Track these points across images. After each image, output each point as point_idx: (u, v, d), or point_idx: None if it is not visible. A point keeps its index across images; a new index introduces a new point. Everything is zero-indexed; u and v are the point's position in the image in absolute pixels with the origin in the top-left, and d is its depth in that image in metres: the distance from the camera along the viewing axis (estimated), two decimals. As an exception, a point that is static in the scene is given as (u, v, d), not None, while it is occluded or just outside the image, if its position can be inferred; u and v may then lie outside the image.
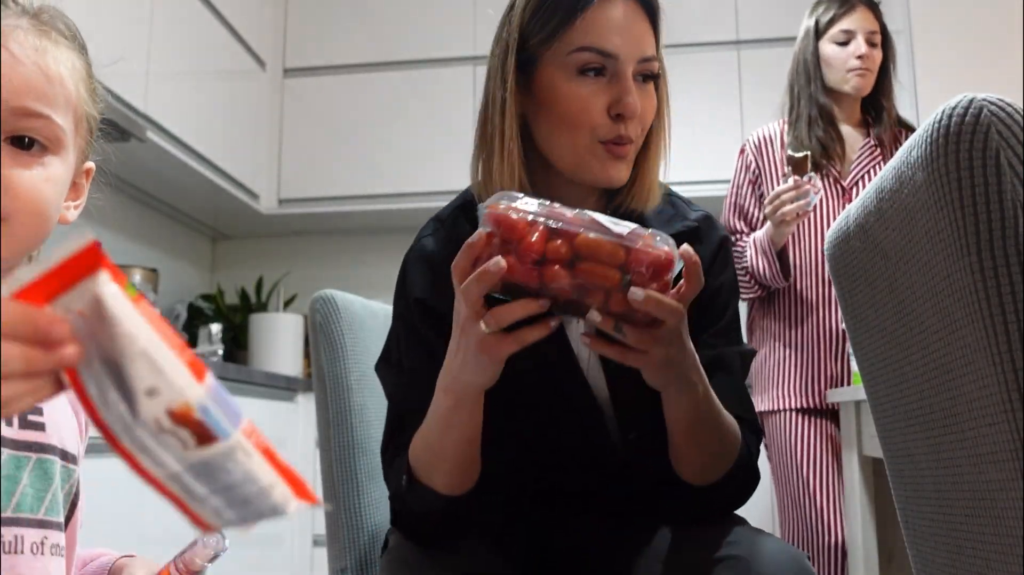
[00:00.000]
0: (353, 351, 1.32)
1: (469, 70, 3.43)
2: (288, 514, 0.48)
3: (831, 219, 1.99)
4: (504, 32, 1.00)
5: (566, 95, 0.94)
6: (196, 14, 2.97)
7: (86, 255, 0.43)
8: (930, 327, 0.64)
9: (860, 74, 1.99)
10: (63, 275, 0.44)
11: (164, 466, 0.47)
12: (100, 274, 0.43)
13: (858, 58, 1.98)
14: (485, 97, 1.02)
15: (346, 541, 1.25)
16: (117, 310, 0.43)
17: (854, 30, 1.99)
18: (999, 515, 0.59)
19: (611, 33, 0.93)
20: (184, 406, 0.44)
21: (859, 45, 1.98)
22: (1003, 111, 0.55)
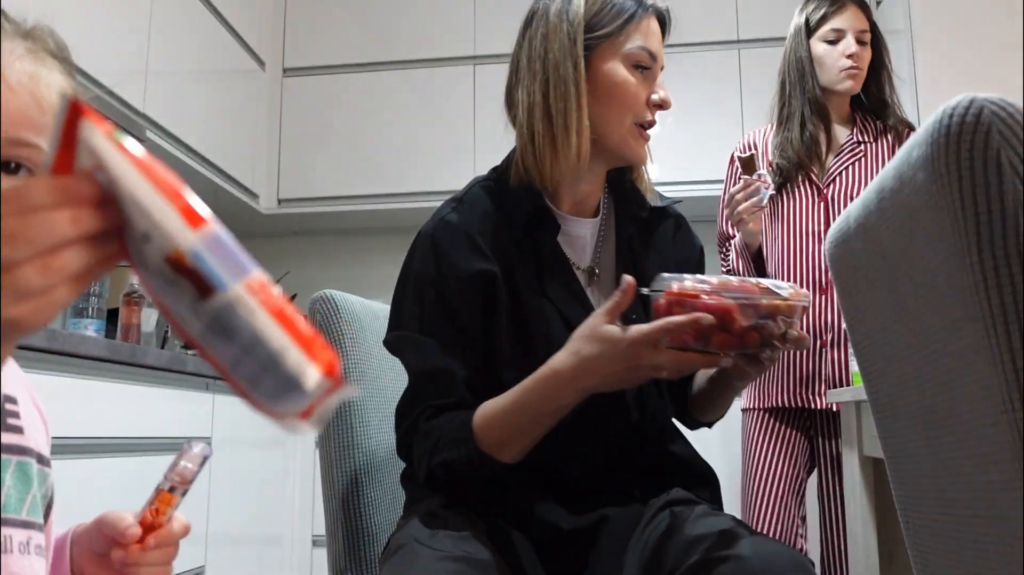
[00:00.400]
0: (353, 351, 1.32)
1: (469, 70, 3.43)
2: (309, 391, 0.44)
3: (807, 220, 2.00)
4: (563, 24, 1.14)
5: (624, 82, 1.13)
6: (196, 14, 2.97)
7: (71, 113, 0.44)
8: (930, 327, 0.64)
9: (851, 74, 2.00)
10: (66, 143, 0.44)
11: (190, 324, 0.46)
12: (84, 125, 0.44)
13: (848, 57, 1.98)
14: (545, 85, 1.13)
15: (346, 541, 1.25)
16: (106, 156, 0.44)
17: (844, 29, 2.00)
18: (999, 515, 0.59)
19: (654, 39, 1.16)
20: (176, 252, 0.44)
21: (849, 44, 1.99)
22: (1004, 111, 0.55)
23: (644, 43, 1.14)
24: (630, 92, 1.13)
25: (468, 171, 3.39)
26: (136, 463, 1.97)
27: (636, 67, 1.14)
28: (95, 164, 0.44)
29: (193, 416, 2.27)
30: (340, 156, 3.45)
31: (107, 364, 1.91)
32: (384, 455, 1.32)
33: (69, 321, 2.51)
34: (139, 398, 2.02)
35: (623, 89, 1.13)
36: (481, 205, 1.16)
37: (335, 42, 3.52)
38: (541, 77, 1.13)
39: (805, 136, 2.00)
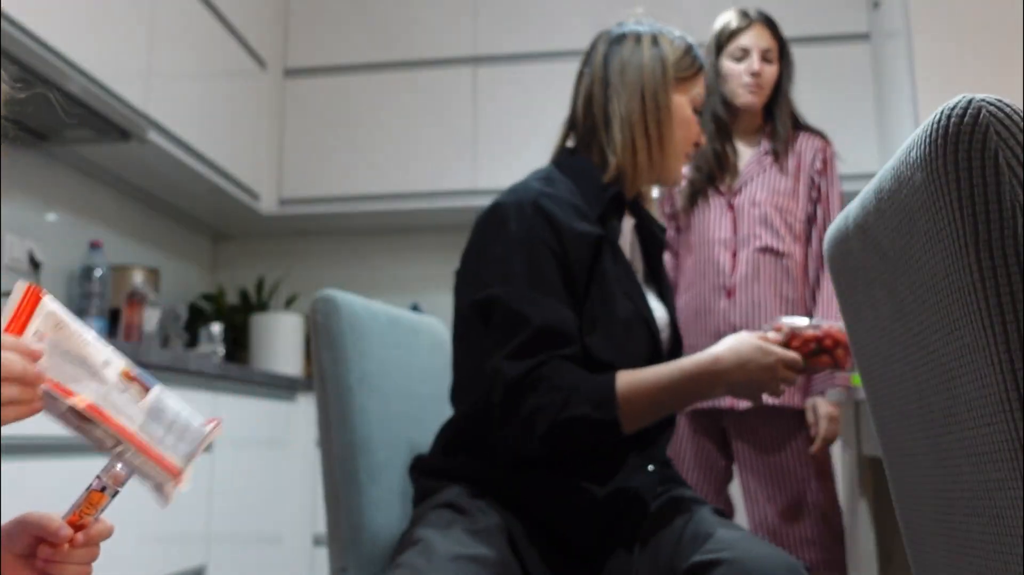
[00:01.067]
0: (354, 351, 1.32)
1: (469, 70, 3.43)
2: (207, 432, 0.76)
3: (716, 229, 2.11)
4: (657, 59, 1.35)
5: (689, 119, 1.37)
6: (196, 14, 2.97)
7: (31, 293, 0.65)
8: (929, 327, 0.64)
9: (751, 90, 2.10)
10: (23, 311, 0.65)
11: (133, 418, 0.70)
12: (46, 299, 0.66)
13: (751, 75, 2.09)
14: (642, 106, 1.34)
15: (346, 541, 1.25)
16: (66, 318, 0.67)
17: (749, 47, 2.11)
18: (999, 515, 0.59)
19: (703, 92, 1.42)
20: (125, 368, 0.70)
21: (752, 62, 2.09)
22: (1002, 111, 0.56)
23: (700, 91, 1.39)
24: (693, 126, 1.37)
25: (468, 171, 3.40)
26: (137, 463, 1.98)
27: (693, 109, 1.38)
28: (50, 329, 0.65)
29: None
30: (341, 156, 3.45)
31: (108, 364, 1.91)
32: (384, 455, 1.32)
33: (70, 321, 2.52)
34: (140, 398, 2.02)
35: (689, 123, 1.37)
36: (568, 185, 1.30)
37: (336, 43, 3.53)
38: (638, 99, 1.33)
39: (712, 150, 2.11)
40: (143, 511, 2.01)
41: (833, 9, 3.25)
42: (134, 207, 3.19)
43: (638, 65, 1.34)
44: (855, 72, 3.19)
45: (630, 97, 1.33)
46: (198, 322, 3.38)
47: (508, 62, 3.39)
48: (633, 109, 1.33)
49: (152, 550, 2.05)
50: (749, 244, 2.08)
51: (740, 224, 2.10)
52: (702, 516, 1.11)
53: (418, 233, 3.70)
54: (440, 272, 3.52)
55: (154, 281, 2.99)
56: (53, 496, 1.72)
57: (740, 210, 2.10)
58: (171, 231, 3.46)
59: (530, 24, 3.41)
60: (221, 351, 3.00)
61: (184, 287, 3.51)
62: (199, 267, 3.71)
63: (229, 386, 2.47)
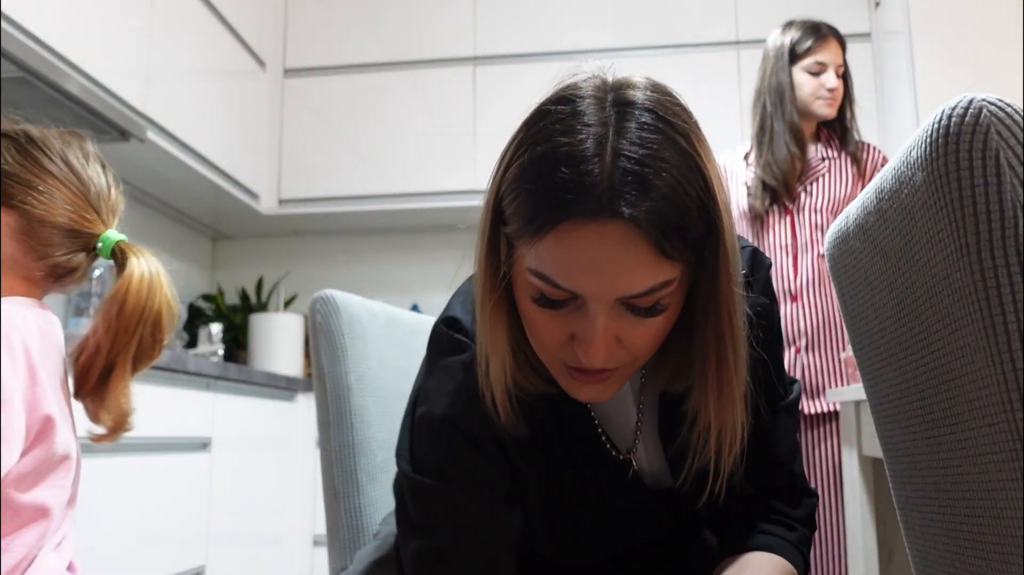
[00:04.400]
0: (353, 351, 1.32)
1: (469, 70, 3.43)
2: None
3: (776, 234, 2.15)
4: (492, 183, 0.78)
5: (525, 311, 0.77)
6: (196, 14, 2.97)
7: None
8: (930, 327, 0.64)
9: (829, 103, 2.18)
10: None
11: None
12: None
13: (829, 90, 2.17)
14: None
15: (346, 541, 1.25)
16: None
17: (827, 63, 2.19)
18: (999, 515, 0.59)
19: (574, 268, 0.70)
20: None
21: (830, 78, 2.18)
22: (1003, 111, 0.55)
23: (549, 269, 0.74)
24: (533, 328, 0.80)
25: (468, 171, 3.40)
26: (136, 463, 1.97)
27: (538, 300, 0.78)
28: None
29: (193, 416, 2.28)
30: (341, 156, 3.45)
31: (107, 364, 1.91)
32: (384, 455, 1.32)
33: (70, 321, 2.52)
34: (139, 398, 2.01)
35: (526, 318, 0.82)
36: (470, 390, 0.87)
37: (336, 42, 3.53)
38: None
39: (787, 157, 2.15)
40: (143, 511, 2.02)
41: (834, 9, 3.25)
42: (133, 207, 3.19)
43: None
44: (856, 71, 3.18)
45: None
46: (197, 322, 3.38)
47: (508, 62, 3.39)
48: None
49: (152, 550, 2.05)
50: (810, 250, 2.12)
51: (800, 230, 2.14)
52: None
53: (418, 233, 3.70)
54: (440, 272, 3.52)
55: (154, 281, 2.98)
56: (52, 496, 1.71)
57: (799, 216, 2.15)
58: (170, 231, 3.46)
59: (529, 24, 3.41)
60: (220, 351, 3.00)
61: (183, 287, 3.51)
62: (198, 267, 3.71)
63: (228, 386, 2.47)
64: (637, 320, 0.73)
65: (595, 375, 0.76)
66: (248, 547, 2.60)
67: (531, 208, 0.70)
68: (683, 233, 0.70)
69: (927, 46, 2.70)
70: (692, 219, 0.70)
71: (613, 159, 0.68)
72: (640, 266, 0.69)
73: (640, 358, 0.77)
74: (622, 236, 0.68)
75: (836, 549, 1.98)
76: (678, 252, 0.70)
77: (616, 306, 0.72)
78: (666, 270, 0.71)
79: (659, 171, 0.68)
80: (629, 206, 0.67)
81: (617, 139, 0.69)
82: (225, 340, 3.37)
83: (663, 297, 0.72)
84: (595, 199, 0.67)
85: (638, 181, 0.67)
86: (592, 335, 0.72)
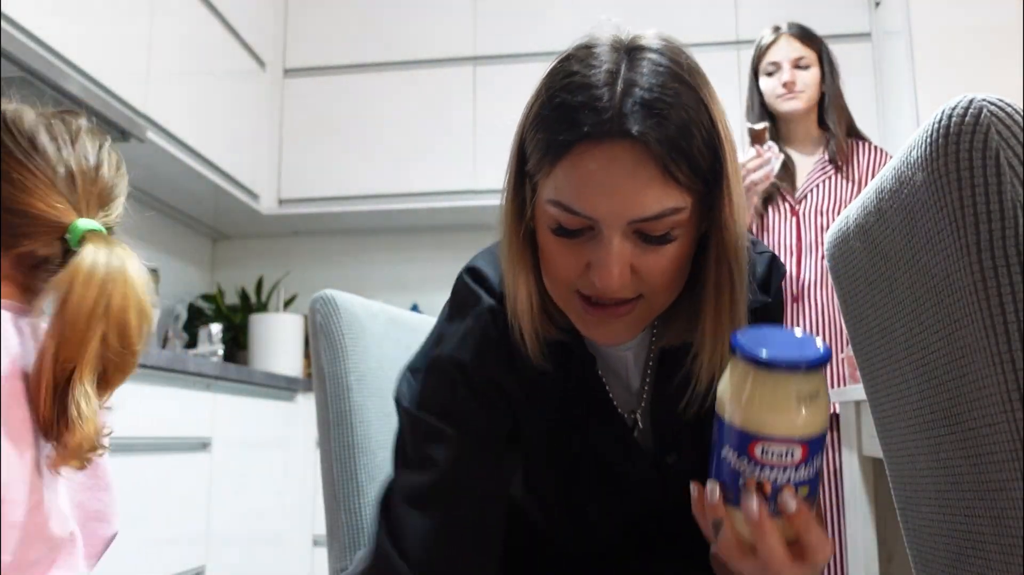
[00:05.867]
0: (353, 351, 1.32)
1: (469, 70, 3.43)
2: None
3: (781, 236, 2.15)
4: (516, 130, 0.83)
5: (543, 243, 0.80)
6: (196, 14, 2.97)
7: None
8: (930, 327, 0.64)
9: (786, 99, 2.18)
10: None
11: None
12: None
13: (783, 85, 2.17)
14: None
15: (346, 541, 1.25)
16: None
17: (779, 60, 2.19)
18: (999, 515, 0.59)
19: (588, 190, 0.74)
20: None
21: (783, 74, 2.17)
22: (1003, 111, 0.55)
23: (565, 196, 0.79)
24: (550, 259, 0.86)
25: (468, 171, 3.39)
26: (136, 463, 1.97)
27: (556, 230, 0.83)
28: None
29: (193, 416, 2.28)
30: (340, 156, 3.45)
31: (107, 364, 1.91)
32: (384, 455, 1.32)
33: (69, 321, 2.52)
34: (139, 398, 2.02)
35: (544, 251, 0.88)
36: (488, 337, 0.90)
37: (336, 42, 3.53)
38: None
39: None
40: (143, 512, 2.02)
41: (834, 8, 3.25)
42: (133, 207, 3.18)
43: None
44: (856, 71, 3.19)
45: None
46: (197, 322, 3.38)
47: (508, 62, 3.38)
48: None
49: (152, 551, 2.05)
50: (814, 252, 2.13)
51: (804, 232, 2.14)
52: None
53: (418, 233, 3.70)
54: (440, 272, 3.52)
55: (153, 281, 2.98)
56: (52, 496, 1.72)
57: (804, 218, 2.15)
58: (170, 231, 3.46)
59: (529, 24, 3.41)
60: (220, 351, 3.00)
61: (183, 287, 3.51)
62: (198, 267, 3.71)
63: (228, 386, 2.47)
64: (650, 249, 0.76)
65: (611, 311, 0.78)
66: (248, 547, 2.60)
67: (547, 138, 0.75)
68: (690, 160, 0.73)
69: (927, 46, 2.70)
70: (698, 148, 0.74)
71: (625, 88, 0.73)
72: (649, 188, 0.73)
73: (655, 295, 0.79)
74: (631, 156, 0.72)
75: (836, 549, 1.98)
76: (685, 177, 0.73)
77: (629, 233, 0.75)
78: (675, 195, 0.74)
79: (667, 102, 0.73)
80: (638, 125, 0.72)
81: (629, 73, 0.74)
82: (225, 340, 3.37)
83: (674, 226, 0.75)
84: (606, 122, 0.72)
85: (647, 107, 0.72)
86: (607, 259, 0.75)
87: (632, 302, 0.79)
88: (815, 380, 0.66)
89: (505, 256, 0.85)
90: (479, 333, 0.89)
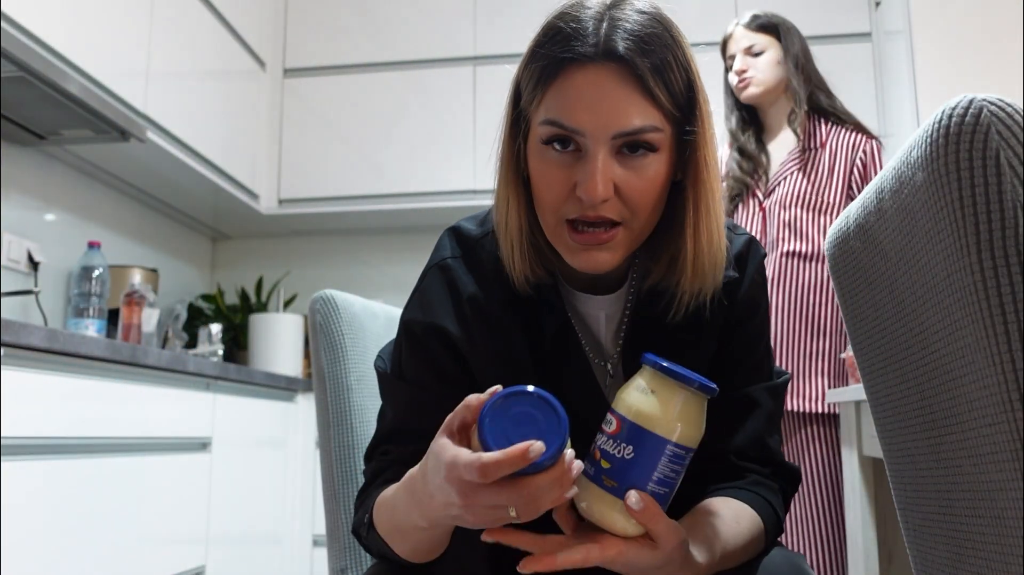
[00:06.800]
0: (353, 351, 1.32)
1: (469, 70, 3.43)
2: None
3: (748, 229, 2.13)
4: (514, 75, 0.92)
5: (534, 167, 0.87)
6: (196, 14, 2.97)
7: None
8: (930, 327, 0.64)
9: (743, 87, 2.21)
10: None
11: None
12: None
13: (736, 74, 2.21)
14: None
15: (346, 541, 1.25)
16: None
17: (733, 53, 2.24)
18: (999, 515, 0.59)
19: (577, 105, 0.82)
20: None
21: (735, 64, 2.21)
22: (1003, 111, 0.55)
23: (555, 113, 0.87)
24: (540, 182, 0.91)
25: (468, 171, 3.40)
26: (136, 463, 1.97)
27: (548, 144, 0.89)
28: None
29: (193, 416, 2.28)
30: (340, 156, 3.45)
31: (107, 364, 1.91)
32: (384, 455, 1.32)
33: (69, 321, 2.52)
34: (139, 398, 2.02)
35: (535, 177, 0.93)
36: (481, 259, 0.97)
37: (336, 42, 3.53)
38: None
39: (740, 151, 2.22)
40: (142, 512, 2.02)
41: (834, 8, 3.25)
42: (133, 207, 3.19)
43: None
44: (856, 71, 3.19)
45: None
46: (197, 322, 3.38)
47: (508, 62, 3.38)
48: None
49: (152, 551, 2.05)
50: (776, 247, 2.08)
51: (769, 227, 2.11)
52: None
53: (418, 233, 3.70)
54: (440, 272, 3.51)
55: (153, 281, 2.99)
56: (53, 496, 1.72)
57: (770, 212, 2.12)
58: (170, 231, 3.46)
59: (530, 24, 3.41)
60: (220, 351, 3.00)
61: (183, 287, 3.51)
62: (198, 267, 3.71)
63: (228, 387, 2.47)
64: (632, 166, 0.83)
65: (595, 236, 0.84)
66: (248, 547, 2.60)
67: (540, 65, 0.85)
68: (668, 86, 0.82)
69: (927, 46, 2.70)
70: (676, 81, 0.83)
71: (610, 22, 0.83)
72: (632, 104, 0.81)
73: (636, 219, 0.85)
74: (616, 75, 0.81)
75: (836, 549, 1.98)
76: (665, 99, 0.82)
77: (613, 149, 0.82)
78: (654, 114, 0.82)
79: (648, 36, 0.82)
80: (622, 47, 0.81)
81: (615, 12, 0.84)
82: (225, 340, 3.37)
83: (654, 143, 0.82)
84: (593, 45, 0.81)
85: (632, 36, 0.82)
86: (593, 171, 0.81)
87: (615, 228, 0.84)
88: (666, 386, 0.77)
89: (500, 190, 0.91)
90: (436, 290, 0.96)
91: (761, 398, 0.97)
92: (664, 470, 0.75)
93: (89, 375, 1.84)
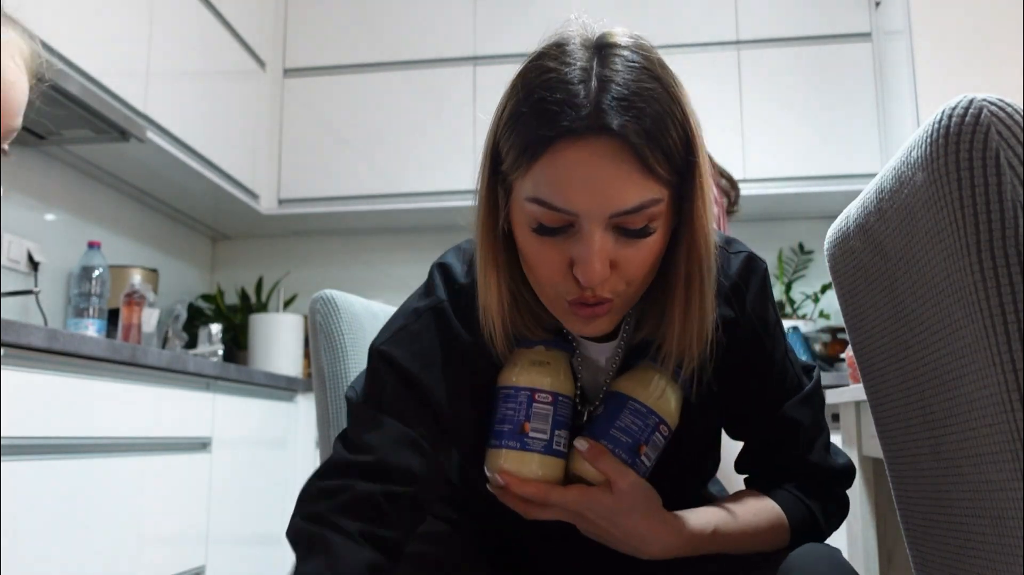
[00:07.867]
0: (353, 351, 1.32)
1: (469, 70, 3.43)
2: None
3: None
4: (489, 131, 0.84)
5: (524, 243, 0.81)
6: (196, 14, 2.97)
7: None
8: (930, 327, 0.64)
9: None
10: None
11: None
12: None
13: None
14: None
15: (346, 541, 1.25)
16: None
17: None
18: (999, 515, 0.59)
19: (569, 185, 0.74)
20: None
21: None
22: (1003, 111, 0.55)
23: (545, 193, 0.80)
24: (533, 261, 0.86)
25: (468, 171, 3.39)
26: (136, 463, 1.97)
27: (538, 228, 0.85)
28: None
29: (193, 416, 2.27)
30: (340, 156, 3.45)
31: (107, 364, 1.91)
32: (384, 455, 1.32)
33: (69, 321, 2.52)
34: (139, 398, 2.02)
35: (526, 253, 0.87)
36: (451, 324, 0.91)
37: (336, 42, 3.52)
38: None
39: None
40: (143, 512, 2.02)
41: (835, 8, 3.25)
42: (133, 207, 3.19)
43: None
44: (856, 71, 3.19)
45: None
46: (197, 322, 3.38)
47: (508, 62, 3.38)
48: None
49: (151, 551, 2.05)
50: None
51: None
52: None
53: (418, 233, 3.70)
54: (440, 272, 3.51)
55: (153, 281, 2.99)
56: (53, 496, 1.72)
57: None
58: (170, 231, 3.46)
59: (529, 24, 3.41)
60: (220, 351, 3.00)
61: (183, 287, 3.51)
62: (198, 267, 3.71)
63: (228, 386, 2.47)
64: (630, 243, 0.77)
65: (595, 308, 0.80)
66: (248, 547, 2.60)
67: (525, 136, 0.76)
68: (666, 152, 0.75)
69: (927, 46, 2.70)
70: (673, 140, 0.75)
71: (600, 83, 0.74)
72: (629, 181, 0.74)
73: (634, 286, 0.81)
74: (610, 150, 0.73)
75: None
76: (662, 169, 0.74)
77: (609, 227, 0.76)
78: (653, 187, 0.75)
79: (642, 95, 0.74)
80: (616, 120, 0.72)
81: (602, 69, 0.75)
82: (225, 340, 3.37)
83: (652, 218, 0.76)
84: (584, 118, 0.73)
85: (623, 100, 0.73)
86: (590, 254, 0.75)
87: (607, 303, 0.80)
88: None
89: (479, 258, 0.85)
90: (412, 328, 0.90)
91: (797, 413, 0.93)
92: (625, 421, 0.85)
93: (89, 375, 1.84)
